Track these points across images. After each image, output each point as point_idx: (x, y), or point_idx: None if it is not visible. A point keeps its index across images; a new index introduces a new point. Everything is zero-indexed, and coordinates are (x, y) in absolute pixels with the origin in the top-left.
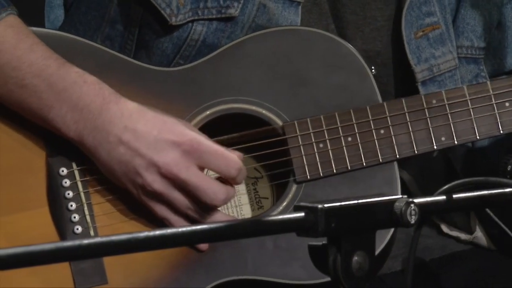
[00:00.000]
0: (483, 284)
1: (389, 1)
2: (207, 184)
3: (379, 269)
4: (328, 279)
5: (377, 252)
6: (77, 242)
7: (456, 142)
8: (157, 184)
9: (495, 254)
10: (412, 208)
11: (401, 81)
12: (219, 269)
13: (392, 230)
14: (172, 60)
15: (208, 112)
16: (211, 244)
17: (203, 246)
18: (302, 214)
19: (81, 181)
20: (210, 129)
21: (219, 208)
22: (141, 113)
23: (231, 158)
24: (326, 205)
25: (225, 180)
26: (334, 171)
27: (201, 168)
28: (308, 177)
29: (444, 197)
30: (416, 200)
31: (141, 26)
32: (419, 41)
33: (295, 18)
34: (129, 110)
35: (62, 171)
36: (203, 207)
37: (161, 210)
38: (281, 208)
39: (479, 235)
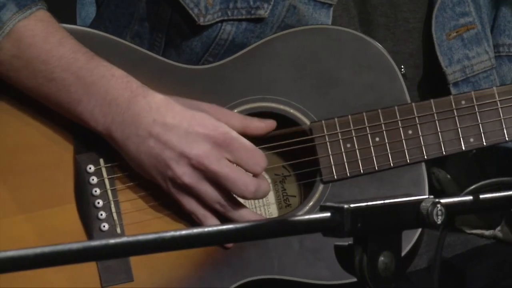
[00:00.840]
0: (508, 278)
1: (420, 3)
2: (238, 175)
3: (406, 269)
4: (352, 279)
5: (404, 252)
6: (103, 241)
7: (484, 143)
8: (187, 176)
9: None
10: (439, 208)
11: (432, 82)
12: (244, 268)
13: (419, 231)
14: (201, 57)
15: (235, 111)
16: (237, 243)
17: (229, 244)
18: (328, 214)
19: (108, 178)
20: None
21: (246, 203)
22: (169, 106)
23: (260, 156)
24: (352, 205)
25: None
26: (361, 171)
27: (230, 162)
28: (335, 177)
29: (470, 197)
30: (442, 201)
31: (170, 25)
32: (452, 42)
33: (325, 20)
34: (157, 103)
35: (90, 168)
36: (232, 202)
37: (190, 204)
38: (307, 208)
39: (505, 229)
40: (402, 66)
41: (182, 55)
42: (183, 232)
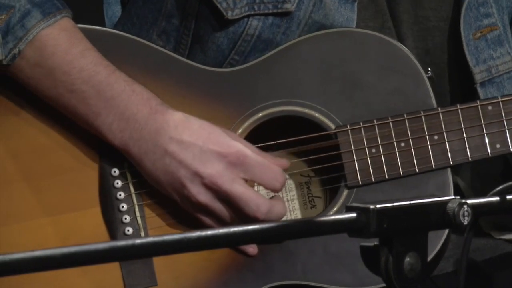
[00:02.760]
0: None
1: (443, 2)
2: (250, 196)
3: (433, 271)
4: (376, 286)
5: (432, 255)
6: (130, 242)
7: (511, 149)
8: (202, 196)
9: None
10: (465, 209)
11: (458, 82)
12: (268, 273)
13: (446, 233)
14: (227, 55)
15: (260, 115)
16: (260, 248)
17: (252, 251)
18: (354, 214)
19: (133, 182)
20: (262, 131)
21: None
22: (186, 123)
23: (277, 171)
24: (378, 206)
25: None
26: (386, 176)
27: (246, 181)
28: (360, 182)
29: (497, 198)
30: (469, 201)
31: (196, 21)
32: (478, 42)
33: (351, 14)
34: (175, 121)
35: (114, 171)
36: (247, 221)
37: (207, 221)
38: (331, 213)
39: None
40: (429, 69)
41: (208, 52)
42: (209, 232)
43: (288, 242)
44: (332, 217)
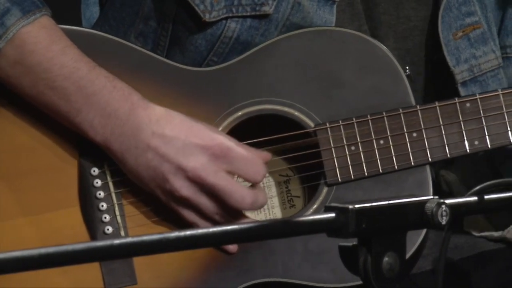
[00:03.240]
0: None
1: (423, 1)
2: (234, 188)
3: (411, 270)
4: (356, 283)
5: (409, 254)
6: (108, 242)
7: (489, 146)
8: (185, 189)
9: None
10: (443, 209)
11: (438, 81)
12: (249, 271)
13: (423, 232)
14: (205, 57)
15: (240, 113)
16: (241, 246)
17: (232, 248)
18: (333, 214)
19: (112, 181)
20: (241, 130)
21: (248, 214)
22: (168, 118)
23: (259, 164)
24: (357, 206)
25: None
26: (366, 174)
27: (229, 173)
28: (339, 179)
29: (475, 198)
30: (447, 201)
31: (174, 23)
32: (459, 42)
33: (330, 17)
34: (156, 115)
35: (94, 171)
36: (231, 213)
37: (189, 216)
38: (311, 210)
39: None
40: (407, 67)
41: (186, 54)
42: (188, 232)
43: (268, 240)
44: (311, 217)
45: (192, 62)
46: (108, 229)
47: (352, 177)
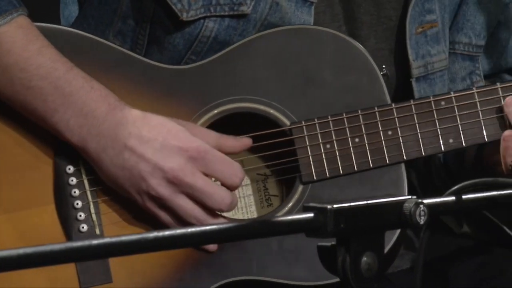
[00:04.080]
0: (490, 278)
1: (403, 1)
2: (213, 189)
3: (387, 269)
4: (332, 280)
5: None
6: (86, 242)
7: (464, 144)
8: (162, 188)
9: (500, 247)
10: (421, 209)
11: (397, 75)
12: (224, 269)
13: (398, 232)
14: (184, 56)
15: (216, 111)
16: (218, 245)
17: (212, 247)
18: (311, 214)
19: (87, 179)
20: (217, 128)
21: (225, 214)
22: (145, 119)
23: (236, 167)
24: (335, 206)
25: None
26: (341, 172)
27: (206, 175)
28: (315, 177)
29: (453, 197)
30: (425, 201)
31: (152, 22)
32: (419, 37)
33: (308, 18)
34: (134, 116)
35: (69, 169)
36: (208, 214)
37: (165, 217)
38: (286, 209)
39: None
40: (384, 66)
41: (164, 53)
42: (166, 232)
43: None
44: (290, 217)
45: (171, 61)
46: (83, 227)
47: (328, 175)
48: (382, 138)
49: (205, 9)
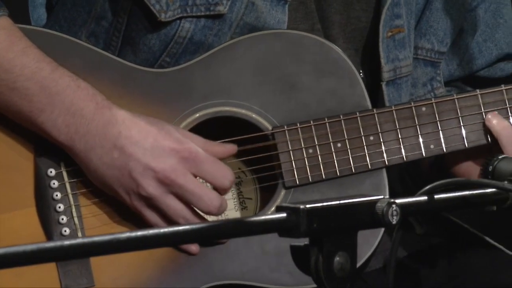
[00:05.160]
0: (461, 275)
1: (373, 3)
2: (203, 191)
3: (363, 270)
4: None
5: (367, 255)
6: (58, 243)
7: (445, 150)
8: (152, 188)
9: (469, 246)
10: (394, 208)
11: (365, 78)
12: (207, 273)
13: (381, 233)
14: (158, 57)
15: (197, 115)
16: (201, 249)
17: (195, 249)
18: (284, 214)
19: (69, 182)
20: (199, 132)
21: (208, 218)
22: (133, 120)
23: (226, 169)
24: (308, 206)
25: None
26: (323, 176)
27: (196, 177)
28: (297, 182)
29: (425, 197)
30: (397, 201)
31: (128, 22)
32: (389, 40)
33: (282, 16)
34: (122, 116)
35: (51, 172)
36: (196, 216)
37: (152, 217)
38: (269, 213)
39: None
40: (361, 70)
41: (139, 55)
42: (139, 233)
43: (228, 243)
44: (263, 217)
45: (145, 62)
46: (65, 231)
47: (310, 179)
48: (364, 144)
49: (181, 9)
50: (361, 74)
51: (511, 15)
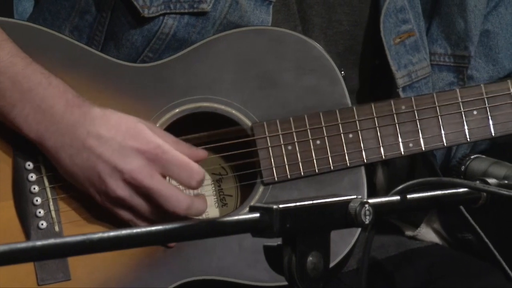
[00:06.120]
0: (438, 280)
1: (356, 8)
2: (170, 192)
3: (341, 270)
4: None
5: (343, 254)
6: (30, 244)
7: (423, 149)
8: (120, 190)
9: (448, 250)
10: (367, 208)
11: (380, 86)
12: (183, 269)
13: (357, 234)
14: (141, 53)
15: (177, 110)
16: (177, 244)
17: (171, 244)
18: (257, 214)
19: (47, 176)
20: (179, 127)
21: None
22: (104, 118)
23: (194, 169)
24: (281, 206)
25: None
26: (302, 173)
27: (164, 177)
28: (276, 178)
29: (398, 197)
30: (370, 201)
31: (111, 17)
32: (398, 47)
33: (266, 17)
34: (92, 114)
35: (29, 165)
36: (167, 216)
37: (125, 215)
38: (247, 209)
39: (423, 231)
40: (342, 69)
41: (121, 50)
42: (111, 233)
43: (204, 239)
44: (236, 217)
45: (127, 57)
46: (42, 224)
47: (289, 176)
48: (343, 141)
49: (165, 5)
50: (342, 73)
51: None
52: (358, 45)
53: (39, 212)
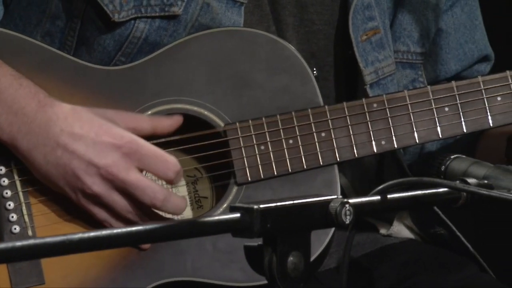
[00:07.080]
0: (414, 275)
1: (328, 7)
2: (146, 184)
3: (317, 269)
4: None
5: (317, 253)
6: (10, 244)
7: (396, 146)
8: (97, 186)
9: (423, 245)
10: (347, 208)
11: (346, 84)
12: (158, 270)
13: (331, 232)
14: (113, 57)
15: (149, 112)
16: (151, 245)
17: (145, 245)
18: (238, 215)
19: (20, 180)
20: None
21: (160, 213)
22: (76, 115)
23: (170, 161)
24: (261, 206)
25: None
26: (275, 173)
27: (140, 170)
28: (249, 179)
29: (378, 197)
30: (351, 201)
31: (82, 22)
32: (365, 44)
33: (238, 18)
34: (64, 113)
35: (1, 170)
36: (144, 210)
37: (101, 213)
38: (221, 210)
39: (397, 229)
40: (315, 69)
41: (93, 54)
42: (92, 234)
43: (178, 240)
44: (216, 218)
45: (100, 62)
46: (15, 228)
47: (262, 176)
48: (316, 140)
49: (136, 9)
50: (314, 72)
51: (481, 17)
52: (331, 44)
53: (12, 217)
